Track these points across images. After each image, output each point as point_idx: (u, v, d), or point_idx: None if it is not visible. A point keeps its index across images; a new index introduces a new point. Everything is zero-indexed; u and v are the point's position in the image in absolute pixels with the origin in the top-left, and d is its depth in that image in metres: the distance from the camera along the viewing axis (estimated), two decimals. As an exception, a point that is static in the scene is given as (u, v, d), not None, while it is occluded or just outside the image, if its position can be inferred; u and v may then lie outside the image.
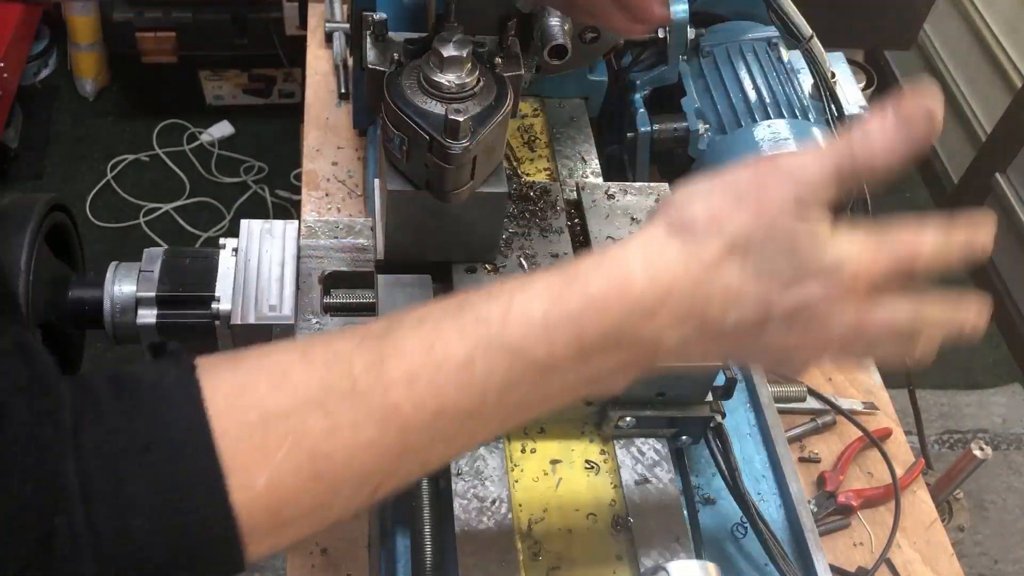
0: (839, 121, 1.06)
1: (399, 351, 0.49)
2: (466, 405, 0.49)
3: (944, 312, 0.56)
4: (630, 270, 0.51)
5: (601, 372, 0.52)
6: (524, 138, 0.99)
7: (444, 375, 0.48)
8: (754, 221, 0.50)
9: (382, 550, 0.79)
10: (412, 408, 0.48)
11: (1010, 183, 2.48)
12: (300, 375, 0.47)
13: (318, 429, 0.46)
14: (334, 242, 0.82)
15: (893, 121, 0.51)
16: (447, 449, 0.52)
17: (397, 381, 0.48)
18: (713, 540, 0.77)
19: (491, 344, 0.49)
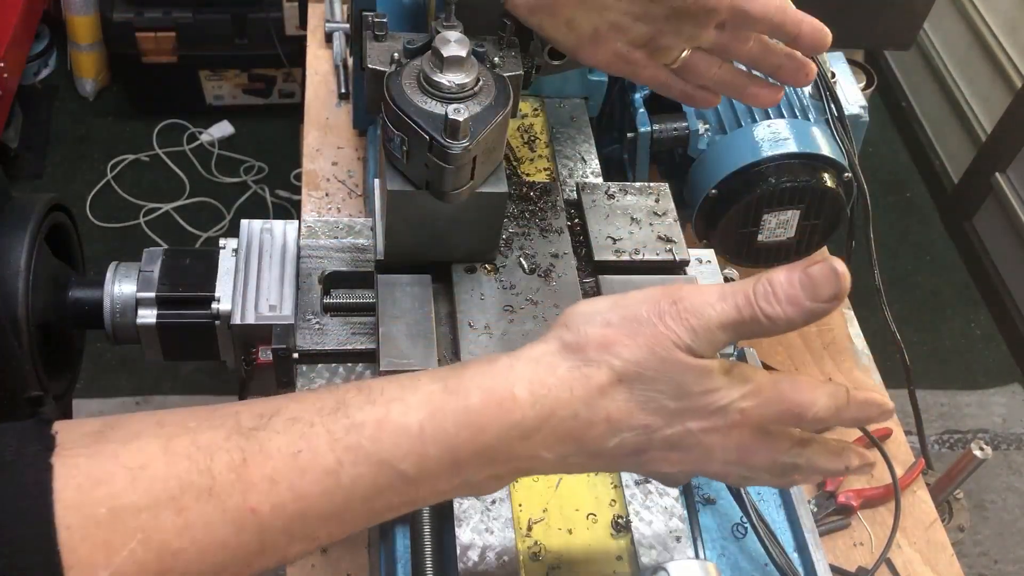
0: (839, 121, 1.06)
1: (264, 452, 0.48)
2: (328, 509, 0.49)
3: (828, 456, 0.57)
4: (514, 390, 0.51)
5: (473, 482, 0.52)
6: (524, 138, 0.99)
7: (308, 481, 0.48)
8: (646, 354, 0.51)
9: (382, 550, 0.79)
10: (270, 511, 0.47)
11: (1010, 183, 2.48)
12: (159, 469, 0.46)
13: (170, 526, 0.45)
14: (334, 242, 0.82)
15: (800, 277, 0.51)
16: (307, 545, 0.50)
17: (257, 484, 0.47)
18: (713, 540, 0.77)
19: (360, 453, 0.49)
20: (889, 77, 2.99)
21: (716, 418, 0.53)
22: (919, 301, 2.56)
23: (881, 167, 2.87)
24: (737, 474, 0.57)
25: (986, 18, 2.56)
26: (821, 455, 0.57)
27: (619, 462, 0.55)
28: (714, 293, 0.52)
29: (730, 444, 0.54)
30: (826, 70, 1.08)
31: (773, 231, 1.07)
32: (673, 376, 0.51)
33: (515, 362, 0.53)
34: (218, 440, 0.48)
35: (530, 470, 0.54)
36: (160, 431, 0.48)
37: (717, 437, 0.53)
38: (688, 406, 0.52)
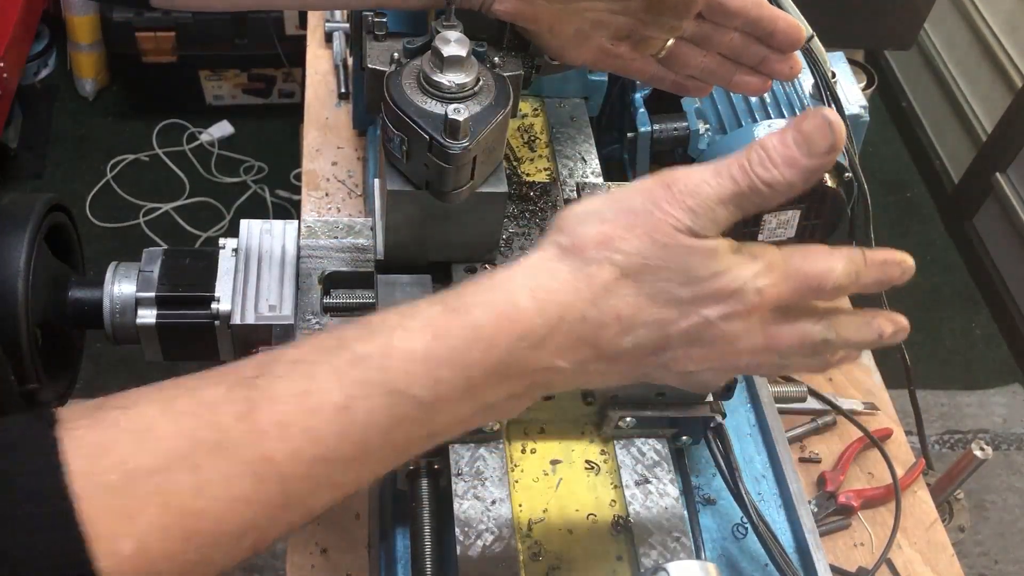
0: (839, 121, 1.06)
1: (271, 398, 0.46)
2: (347, 450, 0.47)
3: (857, 326, 0.55)
4: (516, 298, 0.49)
5: (491, 403, 0.50)
6: (524, 138, 0.99)
7: (320, 421, 0.46)
8: (647, 243, 0.49)
9: (382, 550, 0.79)
10: (288, 458, 0.45)
11: (1010, 183, 2.48)
12: (164, 429, 0.44)
13: (186, 486, 0.43)
14: (334, 242, 0.82)
15: (793, 135, 0.49)
16: (333, 493, 0.48)
17: (269, 431, 0.45)
18: (713, 540, 0.77)
19: (370, 386, 0.47)
20: (889, 77, 2.99)
21: (733, 302, 0.50)
22: (919, 301, 2.56)
23: (881, 167, 2.86)
24: (769, 362, 0.54)
25: (986, 18, 2.56)
26: (851, 326, 0.54)
27: (641, 366, 0.52)
28: (708, 170, 0.50)
29: (754, 328, 0.51)
30: (826, 70, 1.08)
31: (773, 231, 1.07)
32: (679, 261, 0.49)
33: (514, 273, 0.50)
34: (220, 393, 0.46)
35: (548, 384, 0.51)
36: (159, 395, 0.46)
37: (738, 323, 0.51)
38: (700, 292, 0.50)
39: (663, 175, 0.51)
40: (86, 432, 0.43)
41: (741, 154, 0.50)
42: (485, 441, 0.73)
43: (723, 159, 0.51)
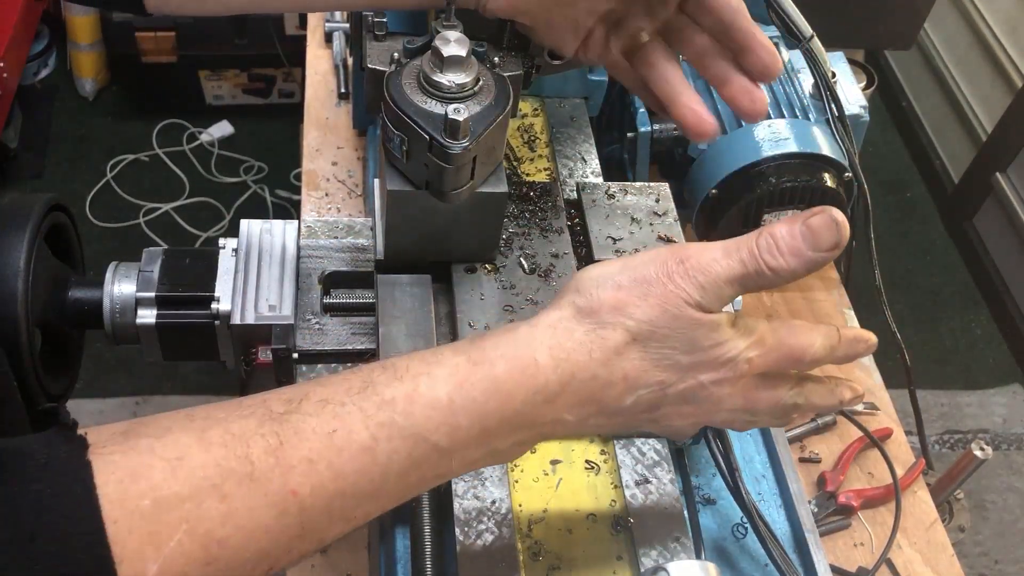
0: (839, 121, 1.06)
1: (299, 434, 0.48)
2: (366, 487, 0.50)
3: (823, 394, 0.61)
4: (536, 356, 0.53)
5: (500, 449, 0.54)
6: (524, 138, 0.99)
7: (345, 459, 0.49)
8: (658, 313, 0.53)
9: (382, 550, 0.79)
10: (311, 492, 0.48)
11: (1010, 183, 2.48)
12: (197, 458, 0.46)
13: (214, 514, 0.45)
14: (334, 242, 0.82)
15: (801, 229, 0.53)
16: (344, 527, 0.51)
17: (296, 466, 0.48)
18: (713, 540, 0.77)
19: (394, 429, 0.50)
20: (889, 77, 3.00)
21: (726, 369, 0.55)
22: (919, 301, 2.56)
23: (881, 167, 2.87)
24: (742, 420, 0.60)
25: (986, 18, 2.56)
26: (817, 392, 0.61)
27: (635, 420, 0.57)
28: (719, 250, 0.54)
29: (737, 392, 0.56)
30: (826, 70, 1.08)
31: (773, 231, 1.07)
32: (685, 332, 0.54)
33: (534, 330, 0.54)
34: (251, 427, 0.48)
35: (552, 434, 0.56)
36: (191, 424, 0.48)
37: (727, 387, 0.56)
38: (700, 360, 0.54)
39: (677, 249, 0.55)
40: (121, 458, 0.45)
41: (751, 238, 0.54)
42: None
43: (734, 240, 0.55)
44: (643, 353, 0.54)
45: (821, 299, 1.21)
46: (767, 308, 1.20)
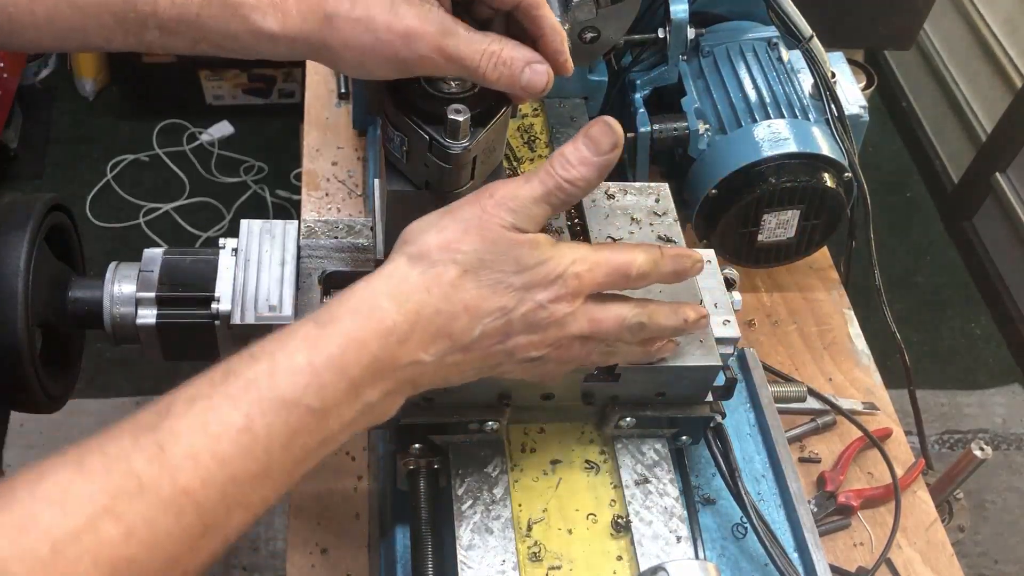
0: (839, 121, 1.06)
1: (176, 435, 0.49)
2: (253, 467, 0.51)
3: (666, 313, 0.65)
4: (379, 303, 0.57)
5: (372, 403, 0.56)
6: (524, 138, 0.99)
7: (226, 445, 0.50)
8: (480, 242, 0.58)
9: (382, 550, 0.79)
10: (202, 486, 0.49)
11: (1010, 183, 2.48)
12: (82, 489, 0.46)
13: (114, 537, 0.45)
14: (334, 242, 0.82)
15: (583, 140, 0.59)
16: (244, 515, 0.52)
17: (181, 465, 0.48)
18: (713, 540, 0.77)
19: (264, 403, 0.52)
20: (889, 77, 3.00)
21: (557, 286, 0.59)
22: (919, 301, 2.56)
23: (881, 167, 2.87)
24: (599, 351, 0.64)
25: (986, 18, 2.56)
26: (660, 312, 0.65)
27: (491, 355, 0.60)
28: (522, 178, 0.60)
29: (579, 313, 0.61)
30: (826, 70, 1.08)
31: (773, 231, 1.07)
32: (508, 253, 0.58)
33: (372, 281, 0.58)
34: (127, 444, 0.49)
35: (416, 380, 0.58)
36: (65, 460, 0.48)
37: (565, 306, 0.60)
38: (530, 279, 0.59)
39: (487, 187, 0.60)
40: (5, 516, 0.44)
41: (546, 163, 0.60)
42: (485, 441, 0.73)
43: (531, 170, 0.62)
44: (477, 282, 0.58)
45: (821, 299, 1.21)
46: (767, 308, 1.20)
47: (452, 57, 0.61)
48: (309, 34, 0.62)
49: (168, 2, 0.62)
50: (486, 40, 0.62)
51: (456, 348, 0.58)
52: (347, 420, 0.55)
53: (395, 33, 0.60)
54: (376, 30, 0.60)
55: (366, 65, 0.63)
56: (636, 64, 1.10)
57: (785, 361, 1.14)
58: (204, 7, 0.62)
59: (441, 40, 0.61)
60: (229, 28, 0.63)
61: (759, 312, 1.19)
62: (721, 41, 1.10)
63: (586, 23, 0.89)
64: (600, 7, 0.87)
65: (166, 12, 0.62)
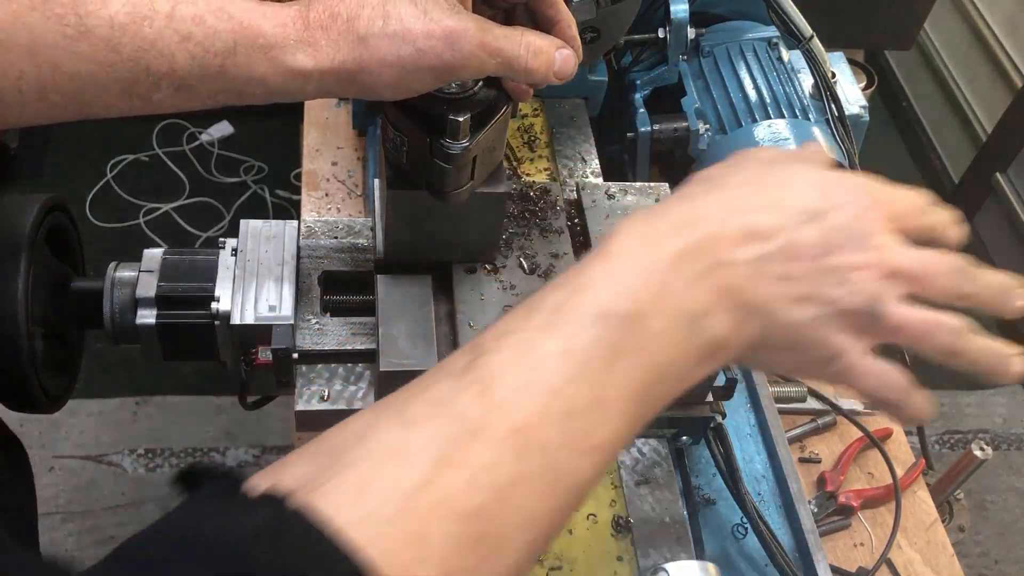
0: (839, 121, 1.06)
1: (495, 372, 0.45)
2: (586, 395, 0.45)
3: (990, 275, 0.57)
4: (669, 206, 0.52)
5: (689, 309, 0.48)
6: (524, 138, 0.99)
7: (549, 372, 0.45)
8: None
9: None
10: (539, 421, 0.44)
11: (1010, 183, 2.48)
12: (412, 441, 0.43)
13: (459, 485, 0.41)
14: (334, 242, 0.82)
15: None
16: (592, 459, 0.46)
17: (509, 399, 0.44)
18: (713, 540, 0.77)
19: (576, 322, 0.46)
20: (889, 77, 2.99)
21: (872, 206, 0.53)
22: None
23: (881, 167, 2.85)
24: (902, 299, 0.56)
25: (986, 18, 2.56)
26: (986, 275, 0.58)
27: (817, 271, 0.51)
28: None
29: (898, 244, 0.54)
30: (826, 70, 1.08)
31: (773, 231, 1.07)
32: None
33: None
34: (447, 387, 0.45)
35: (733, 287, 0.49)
36: (380, 414, 0.45)
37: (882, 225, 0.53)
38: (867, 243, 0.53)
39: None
40: (333, 487, 0.41)
41: None
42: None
43: None
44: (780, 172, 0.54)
45: (821, 299, 1.21)
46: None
47: (495, 51, 0.60)
48: (343, 63, 0.59)
49: (186, 57, 0.57)
50: (519, 32, 0.62)
51: (772, 252, 0.50)
52: (670, 324, 0.48)
53: (436, 38, 0.58)
54: (415, 40, 0.58)
55: (407, 79, 0.60)
56: (636, 64, 1.10)
57: (785, 361, 1.14)
58: (228, 56, 0.58)
59: (482, 36, 0.59)
60: (256, 73, 0.59)
61: (759, 312, 1.19)
62: (721, 41, 1.10)
63: (586, 23, 0.89)
64: (600, 7, 0.88)
65: (185, 69, 0.57)
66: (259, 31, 0.58)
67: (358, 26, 0.59)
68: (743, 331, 0.50)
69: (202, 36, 0.57)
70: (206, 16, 0.57)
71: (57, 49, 0.56)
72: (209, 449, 2.07)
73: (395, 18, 0.58)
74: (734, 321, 0.49)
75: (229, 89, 0.60)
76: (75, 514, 1.94)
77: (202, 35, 0.57)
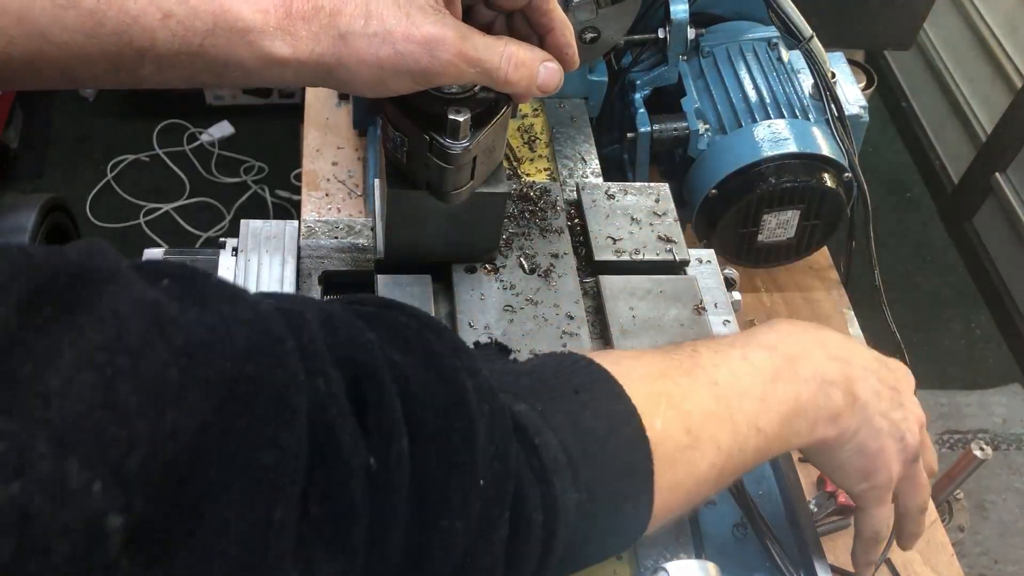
0: (839, 121, 1.06)
1: (697, 353, 0.60)
2: (755, 390, 0.59)
3: None
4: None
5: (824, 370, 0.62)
6: (524, 138, 0.99)
7: (735, 364, 0.60)
8: None
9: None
10: (726, 382, 0.58)
11: (1010, 183, 2.48)
12: (646, 366, 0.58)
13: (677, 392, 0.56)
14: (334, 242, 0.82)
15: None
16: (754, 439, 0.58)
17: (707, 365, 0.59)
18: (713, 540, 0.77)
19: (753, 345, 0.62)
20: (889, 77, 3.00)
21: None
22: (919, 301, 2.56)
23: (881, 167, 2.87)
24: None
25: (986, 18, 2.56)
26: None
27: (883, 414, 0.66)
28: None
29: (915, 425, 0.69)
30: (826, 70, 1.08)
31: (773, 231, 1.07)
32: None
33: None
34: (668, 352, 0.61)
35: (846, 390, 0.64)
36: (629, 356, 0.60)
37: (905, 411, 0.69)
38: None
39: None
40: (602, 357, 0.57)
41: None
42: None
43: None
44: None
45: (821, 299, 1.21)
46: (767, 308, 1.20)
47: (474, 61, 0.61)
48: (321, 56, 0.60)
49: (168, 34, 0.59)
50: (501, 43, 0.62)
51: (874, 371, 0.66)
52: (809, 376, 0.62)
53: (415, 42, 0.59)
54: (395, 42, 0.59)
55: (385, 80, 0.61)
56: (636, 64, 1.10)
57: (785, 361, 1.14)
58: (208, 36, 0.59)
59: (461, 44, 0.60)
60: (234, 56, 0.60)
61: (759, 312, 1.19)
62: (721, 41, 1.10)
63: (586, 23, 0.89)
64: (600, 7, 0.88)
65: (165, 45, 0.59)
66: (238, 15, 0.59)
67: (339, 22, 0.59)
68: (850, 416, 0.63)
69: (183, 15, 0.59)
70: None
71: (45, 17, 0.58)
72: (209, 449, 2.07)
73: (377, 18, 0.59)
74: (846, 403, 0.63)
75: (210, 69, 0.61)
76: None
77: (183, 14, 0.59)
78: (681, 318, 0.78)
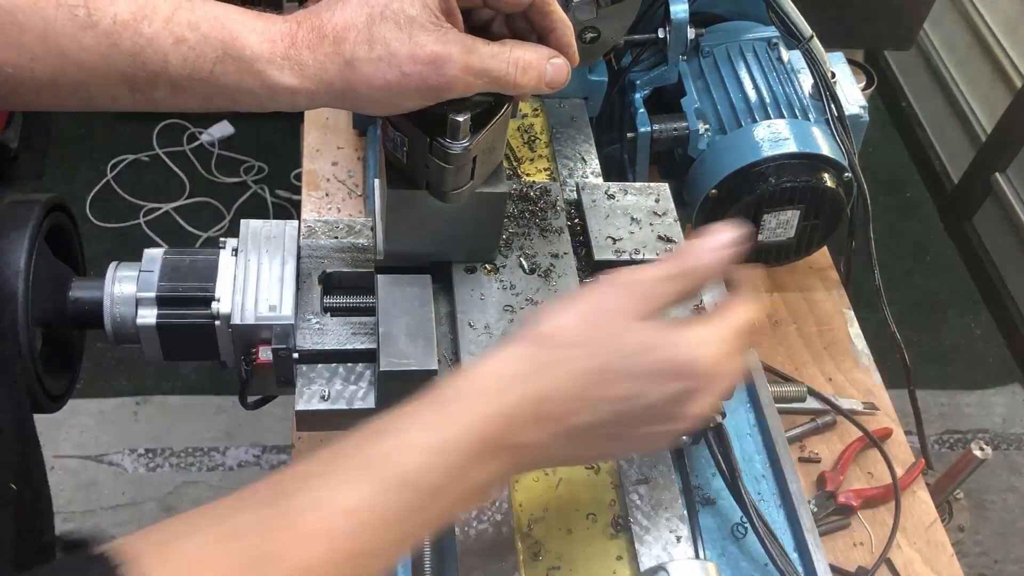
0: (839, 121, 1.06)
1: (295, 512, 0.50)
2: (364, 547, 0.51)
3: None
4: (495, 384, 0.56)
5: (483, 482, 0.55)
6: (524, 138, 0.99)
7: (340, 523, 0.50)
8: (596, 329, 0.57)
9: (382, 550, 0.78)
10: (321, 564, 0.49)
11: (1010, 183, 2.48)
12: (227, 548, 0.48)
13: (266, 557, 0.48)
14: (334, 242, 0.82)
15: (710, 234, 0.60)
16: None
17: (312, 534, 0.49)
18: (713, 540, 0.77)
19: (381, 483, 0.51)
20: (889, 77, 2.99)
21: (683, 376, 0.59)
22: (919, 301, 2.56)
23: (881, 167, 2.86)
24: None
25: (986, 18, 2.56)
26: None
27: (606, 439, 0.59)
28: (644, 266, 0.60)
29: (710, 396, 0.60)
30: (826, 70, 1.08)
31: (773, 231, 1.07)
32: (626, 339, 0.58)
33: (487, 363, 0.58)
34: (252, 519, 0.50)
35: (526, 460, 0.58)
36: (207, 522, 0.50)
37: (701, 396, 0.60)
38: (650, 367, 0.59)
39: (611, 276, 0.60)
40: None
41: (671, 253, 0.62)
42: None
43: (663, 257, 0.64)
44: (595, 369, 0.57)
45: (821, 299, 1.21)
46: (766, 308, 1.20)
47: (481, 72, 0.61)
48: (330, 83, 0.61)
49: (180, 59, 0.61)
50: (506, 48, 0.62)
51: (570, 433, 0.56)
52: (458, 497, 0.54)
53: (421, 62, 0.60)
54: (400, 64, 0.60)
55: (393, 100, 0.62)
56: (636, 64, 1.10)
57: (785, 361, 1.14)
58: (218, 63, 0.61)
59: (467, 58, 0.60)
60: (244, 84, 0.61)
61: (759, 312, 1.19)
62: (721, 41, 1.10)
63: (586, 23, 0.89)
64: (600, 7, 0.88)
65: (177, 70, 0.61)
66: (246, 44, 0.61)
67: (344, 49, 0.60)
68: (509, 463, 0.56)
69: (195, 41, 0.60)
70: (201, 23, 0.60)
71: (66, 37, 0.60)
72: (209, 449, 2.07)
73: (380, 42, 0.60)
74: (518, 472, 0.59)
75: (222, 95, 0.63)
76: (76, 514, 1.94)
77: (195, 40, 0.60)
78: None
